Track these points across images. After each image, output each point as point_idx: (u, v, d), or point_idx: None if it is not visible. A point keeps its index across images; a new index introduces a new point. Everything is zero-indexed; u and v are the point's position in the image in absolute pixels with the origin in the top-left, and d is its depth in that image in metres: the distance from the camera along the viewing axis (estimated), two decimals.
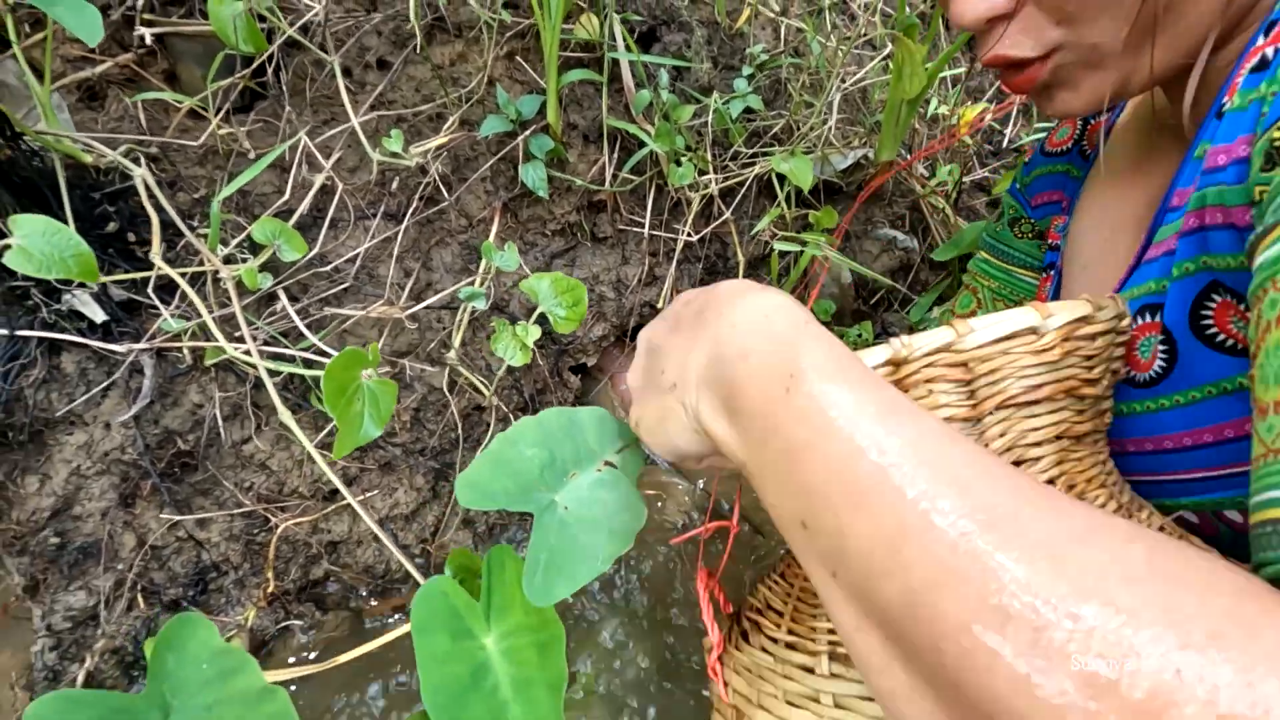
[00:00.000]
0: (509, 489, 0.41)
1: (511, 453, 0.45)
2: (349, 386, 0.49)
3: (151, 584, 0.67)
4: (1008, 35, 0.37)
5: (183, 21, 0.72)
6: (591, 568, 0.37)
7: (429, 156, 0.78)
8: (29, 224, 0.43)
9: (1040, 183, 0.61)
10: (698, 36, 0.97)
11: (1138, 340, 0.39)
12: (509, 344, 0.61)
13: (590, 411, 0.48)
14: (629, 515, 0.41)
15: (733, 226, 0.93)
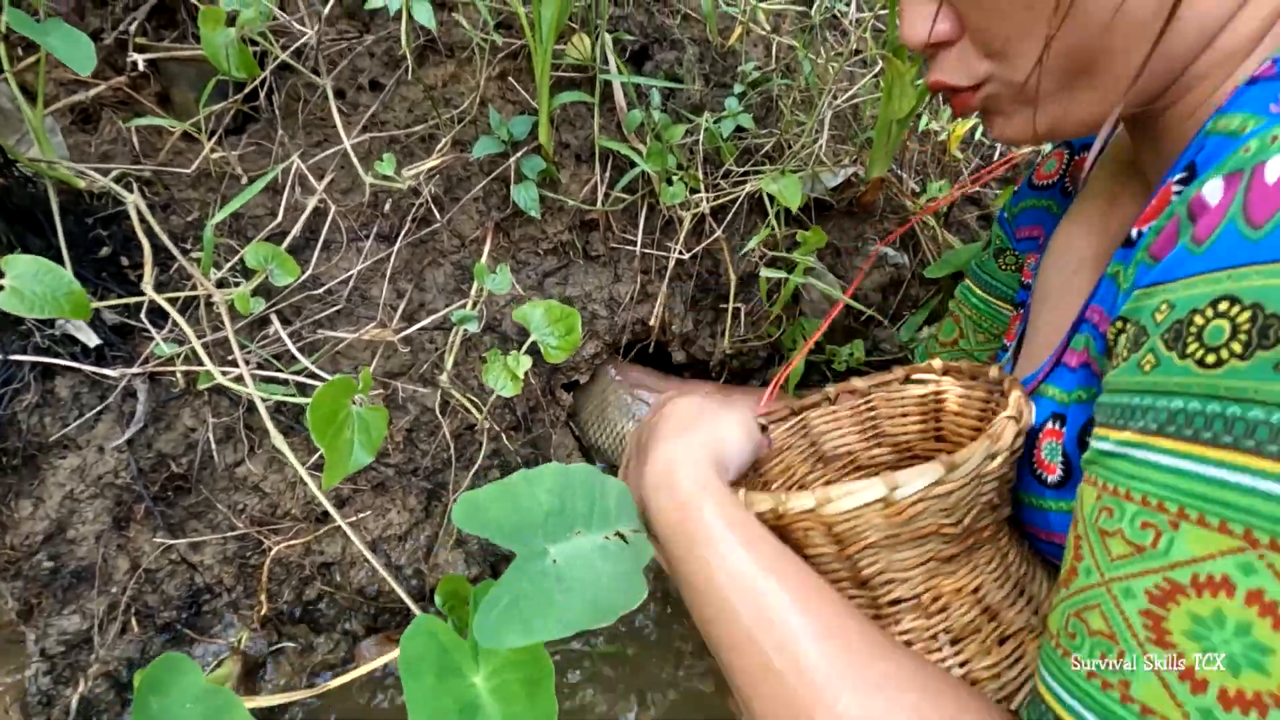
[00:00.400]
0: (504, 523, 0.41)
1: (524, 489, 0.45)
2: (338, 414, 0.49)
3: (145, 607, 0.68)
4: (945, 63, 0.39)
5: (175, 46, 0.72)
6: (551, 629, 0.37)
7: (421, 178, 0.78)
8: (20, 264, 0.43)
9: (1025, 216, 0.61)
10: (689, 54, 0.98)
11: (1044, 441, 0.40)
12: (500, 375, 0.62)
13: (618, 483, 0.47)
14: (620, 594, 0.40)
15: (724, 244, 0.93)
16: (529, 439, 0.84)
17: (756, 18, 0.99)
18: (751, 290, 0.99)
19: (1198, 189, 0.28)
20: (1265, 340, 0.24)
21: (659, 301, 0.92)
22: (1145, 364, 0.29)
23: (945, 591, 0.39)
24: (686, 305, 0.95)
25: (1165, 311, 0.28)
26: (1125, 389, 0.30)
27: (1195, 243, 0.28)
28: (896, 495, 0.35)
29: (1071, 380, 0.39)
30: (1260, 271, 0.24)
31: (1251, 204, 0.25)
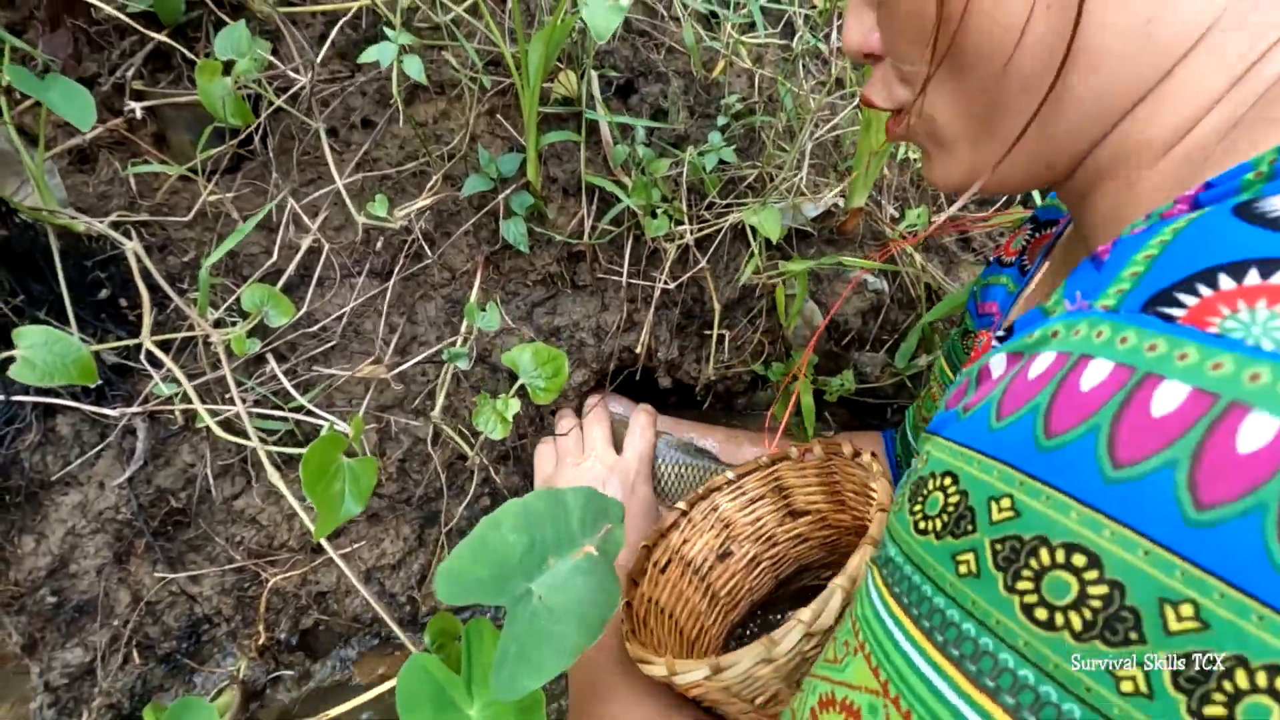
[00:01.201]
0: (485, 579, 0.44)
1: (494, 537, 0.48)
2: (329, 468, 0.51)
3: (146, 638, 0.70)
4: (873, 79, 0.38)
5: (171, 92, 0.74)
6: (559, 662, 0.40)
7: (413, 217, 0.80)
8: (31, 335, 0.45)
9: (987, 291, 0.61)
10: (674, 87, 1.00)
11: None
12: (490, 418, 0.64)
13: (577, 492, 0.50)
14: (600, 605, 0.44)
15: (708, 273, 0.96)
16: (520, 468, 0.86)
17: (738, 51, 1.02)
18: (736, 314, 1.02)
19: (989, 358, 0.28)
20: (955, 530, 0.24)
21: (645, 329, 0.95)
22: (896, 503, 0.30)
23: None
24: (672, 333, 0.98)
25: (921, 463, 0.29)
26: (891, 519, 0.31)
27: (963, 409, 0.28)
28: (723, 677, 0.41)
29: None
30: (981, 462, 0.24)
31: (1007, 394, 0.25)
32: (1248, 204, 0.22)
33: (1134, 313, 0.22)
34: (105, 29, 0.75)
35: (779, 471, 0.60)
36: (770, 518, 0.60)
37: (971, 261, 1.23)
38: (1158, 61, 0.28)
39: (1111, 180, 0.32)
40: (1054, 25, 0.28)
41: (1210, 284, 0.20)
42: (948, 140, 0.35)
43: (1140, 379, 0.20)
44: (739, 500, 0.60)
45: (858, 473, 0.53)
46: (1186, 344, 0.20)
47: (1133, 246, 0.25)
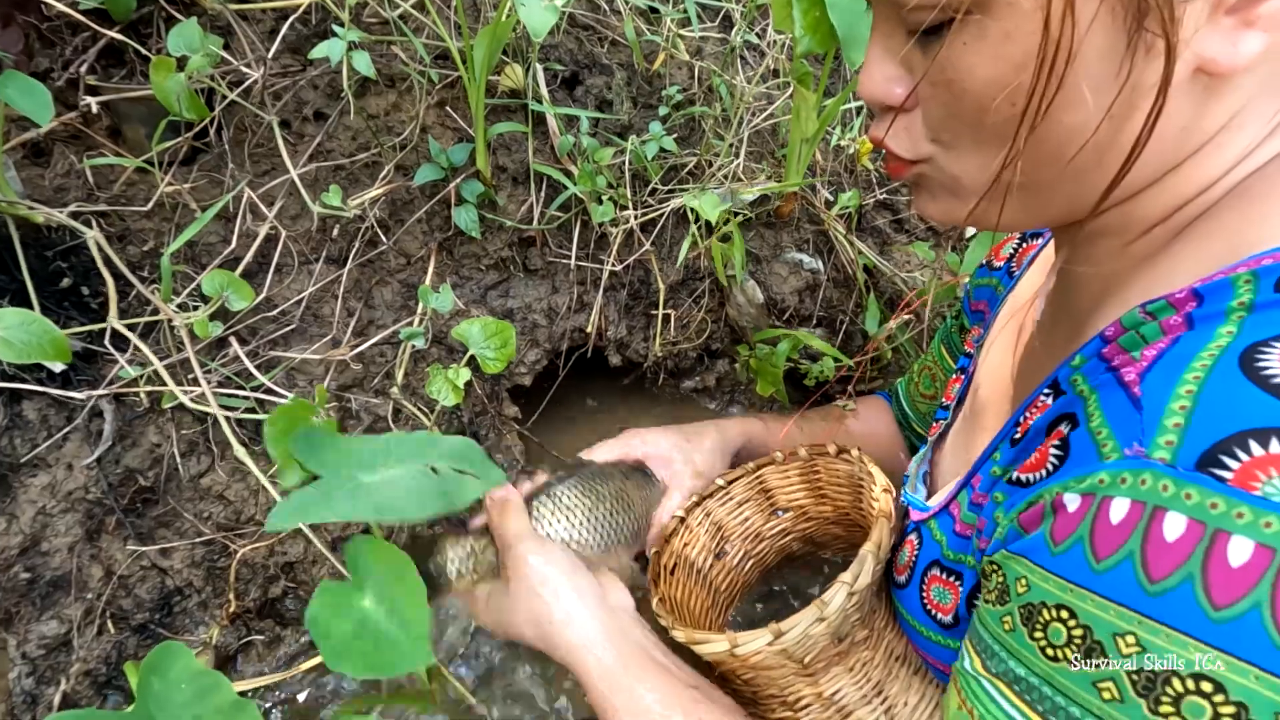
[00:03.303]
0: (327, 461, 0.48)
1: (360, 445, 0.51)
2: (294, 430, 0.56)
3: (120, 610, 0.73)
4: (893, 128, 0.39)
5: (125, 86, 0.77)
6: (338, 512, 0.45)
7: (366, 206, 0.84)
8: (8, 317, 0.49)
9: (979, 291, 0.67)
10: (618, 79, 1.06)
11: (932, 585, 0.46)
12: (442, 386, 0.69)
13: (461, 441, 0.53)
14: (411, 504, 0.47)
15: (653, 256, 1.02)
16: (474, 437, 0.91)
17: (677, 45, 1.07)
18: (681, 297, 1.08)
19: (1061, 490, 0.32)
20: (1088, 659, 0.29)
21: (595, 310, 1.00)
22: (1005, 623, 0.34)
23: (807, 694, 0.49)
24: (620, 313, 1.03)
25: (1024, 588, 0.33)
26: (990, 632, 0.35)
27: (1052, 540, 0.32)
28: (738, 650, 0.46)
29: (956, 542, 0.45)
30: (1096, 601, 0.29)
31: (1096, 535, 0.29)
32: (1251, 355, 0.27)
33: (1190, 471, 0.27)
34: (57, 25, 0.77)
35: (763, 475, 0.66)
36: (756, 517, 0.65)
37: (904, 242, 1.31)
38: (1174, 157, 0.33)
39: (1104, 240, 0.38)
40: (1108, 131, 0.31)
41: (1244, 449, 0.26)
42: (963, 190, 0.38)
43: (1212, 534, 0.26)
44: (728, 505, 0.65)
45: (843, 467, 0.59)
46: (1240, 505, 0.25)
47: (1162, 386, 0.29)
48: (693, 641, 0.46)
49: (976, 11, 0.30)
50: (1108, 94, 0.30)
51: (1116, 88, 0.30)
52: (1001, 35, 0.30)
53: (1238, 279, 0.30)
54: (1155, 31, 0.28)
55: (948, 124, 0.36)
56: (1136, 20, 0.28)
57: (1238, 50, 0.29)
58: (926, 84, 0.35)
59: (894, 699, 0.49)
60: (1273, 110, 0.32)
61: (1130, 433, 0.30)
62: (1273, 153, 0.32)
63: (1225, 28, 0.28)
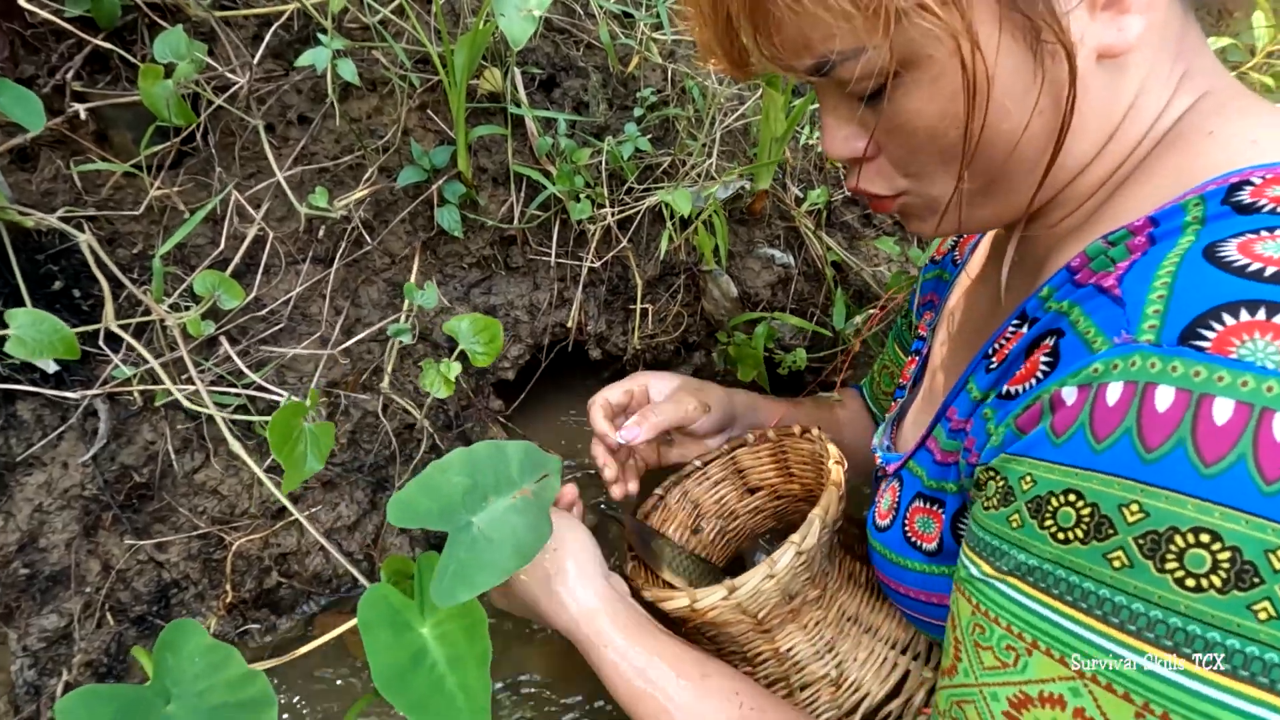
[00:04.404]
0: (432, 510, 0.52)
1: (440, 479, 0.56)
2: (293, 432, 0.59)
3: (118, 603, 0.75)
4: (865, 174, 0.43)
5: (112, 93, 0.79)
6: (491, 578, 0.49)
7: (351, 206, 0.87)
8: (21, 316, 0.51)
9: (925, 285, 0.72)
10: (594, 81, 1.09)
11: (915, 516, 0.48)
12: (434, 379, 0.72)
13: (517, 445, 0.59)
14: (534, 536, 0.53)
15: (631, 252, 1.05)
16: (460, 433, 0.94)
17: (650, 47, 1.11)
18: (658, 292, 1.11)
19: (1058, 387, 0.35)
20: (1099, 534, 0.31)
21: (575, 305, 1.04)
22: (1013, 521, 0.35)
23: (764, 650, 0.54)
24: (600, 308, 1.07)
25: (1029, 484, 0.35)
26: (995, 534, 0.37)
27: (1054, 433, 0.34)
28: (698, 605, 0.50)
29: (937, 471, 0.48)
30: (1100, 479, 0.31)
31: (1095, 419, 0.32)
32: (1212, 250, 0.31)
33: (1174, 346, 0.30)
34: (41, 32, 0.78)
35: (737, 456, 0.68)
36: (731, 495, 0.68)
37: (872, 236, 1.36)
38: (1107, 126, 0.39)
39: (1060, 206, 0.43)
40: (1046, 124, 0.37)
41: (1218, 320, 0.29)
42: (941, 207, 0.42)
43: (1198, 400, 0.28)
44: (704, 484, 0.68)
45: (806, 446, 0.63)
46: (1220, 369, 0.28)
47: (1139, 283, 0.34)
48: (658, 599, 0.49)
49: (906, 70, 0.36)
50: (1030, 98, 0.36)
51: (1036, 90, 0.36)
52: (930, 81, 0.36)
53: (1187, 203, 0.35)
54: (1051, 41, 0.34)
55: (911, 159, 0.41)
56: (1034, 36, 0.34)
57: (1124, 34, 0.35)
58: (882, 133, 0.40)
59: (844, 655, 0.52)
60: (1169, 70, 0.39)
61: (1116, 325, 0.33)
62: (1184, 106, 0.39)
63: (1106, 20, 0.35)
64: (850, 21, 0.34)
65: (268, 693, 0.50)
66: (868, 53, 0.35)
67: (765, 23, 0.36)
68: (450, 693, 0.54)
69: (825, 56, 0.36)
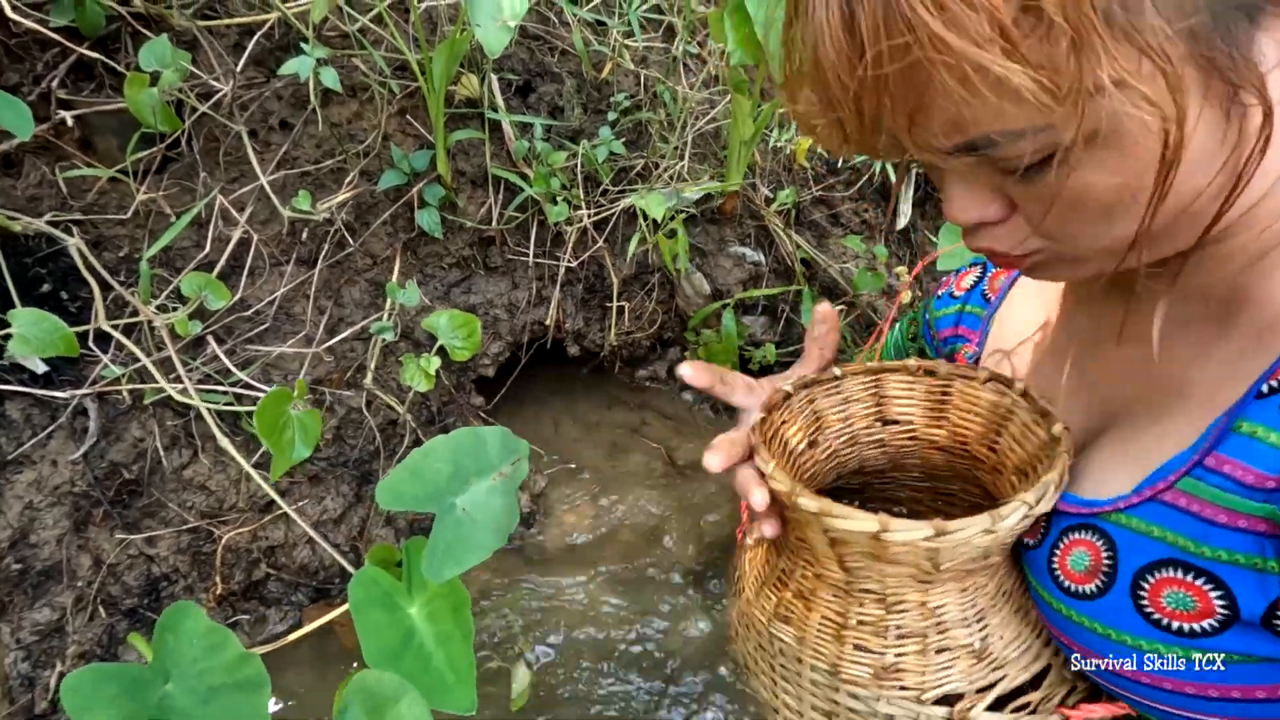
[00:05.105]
0: (419, 494, 0.55)
1: (424, 464, 0.59)
2: (280, 419, 0.62)
3: (109, 596, 0.77)
4: (995, 235, 0.39)
5: (97, 100, 0.81)
6: (476, 555, 0.52)
7: (334, 210, 0.90)
8: (23, 316, 0.53)
9: (943, 321, 0.67)
10: (569, 86, 1.13)
11: (1164, 589, 0.41)
12: (415, 373, 0.75)
13: (494, 430, 0.62)
14: (509, 516, 0.56)
15: (606, 252, 1.09)
16: (442, 427, 0.97)
17: (623, 54, 1.15)
18: (634, 290, 1.15)
19: None
20: None
21: (553, 304, 1.07)
22: None
23: (909, 600, 0.45)
24: (577, 306, 1.11)
25: None
26: None
27: None
28: (886, 537, 0.40)
29: (1197, 529, 0.41)
30: None
31: None
32: None
33: None
34: (26, 41, 0.80)
35: (884, 380, 0.58)
36: (859, 419, 0.59)
37: (839, 235, 1.41)
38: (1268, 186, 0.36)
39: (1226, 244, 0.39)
40: (1225, 178, 0.33)
41: None
42: (1083, 259, 0.38)
43: None
44: (834, 398, 0.58)
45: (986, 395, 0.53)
46: None
47: None
48: (827, 513, 0.40)
49: (1088, 146, 0.31)
50: (1219, 159, 0.33)
51: (1226, 151, 0.33)
52: (1116, 155, 0.32)
53: None
54: (1250, 102, 0.32)
55: (1063, 224, 0.36)
56: (1230, 98, 0.32)
57: None
58: (1031, 199, 0.36)
59: (992, 629, 0.46)
60: None
61: None
62: None
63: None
64: (1028, 105, 0.30)
65: (262, 674, 0.52)
66: (1045, 131, 0.31)
67: (921, 108, 0.32)
68: (438, 669, 0.57)
69: (985, 136, 0.32)
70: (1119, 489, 0.45)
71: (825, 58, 0.32)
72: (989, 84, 0.29)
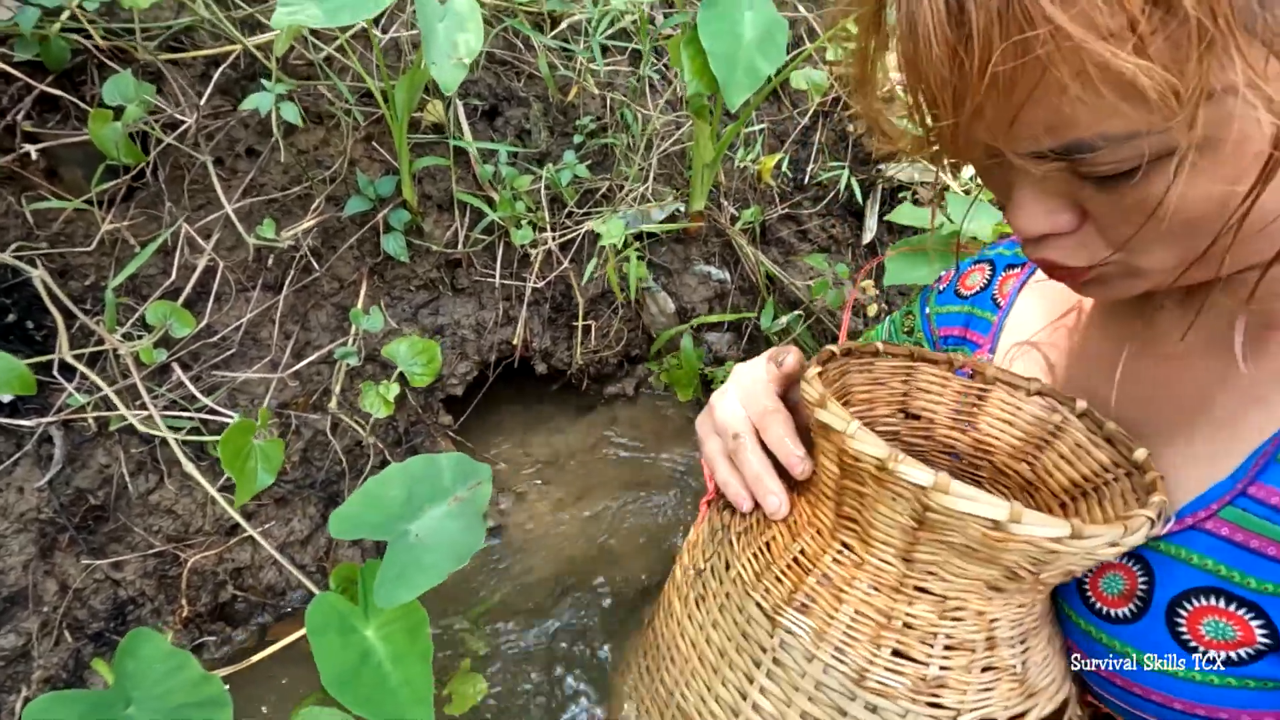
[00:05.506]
0: (372, 522, 0.58)
1: (378, 492, 0.62)
2: (243, 448, 0.63)
3: (76, 621, 0.79)
4: (1062, 247, 0.36)
5: (63, 132, 0.82)
6: (429, 579, 0.55)
7: (300, 236, 0.91)
8: None
9: (947, 318, 0.63)
10: (535, 110, 1.15)
11: (1205, 617, 0.39)
12: (375, 400, 0.77)
13: (450, 456, 0.64)
14: (469, 538, 0.59)
15: (572, 273, 1.11)
16: (410, 448, 0.99)
17: (588, 78, 1.17)
18: (600, 309, 1.18)
19: None
20: None
21: (520, 324, 1.09)
22: None
23: (969, 607, 0.40)
24: (544, 325, 1.13)
25: None
26: None
27: None
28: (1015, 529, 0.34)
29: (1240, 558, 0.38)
30: None
31: None
32: None
33: None
34: None
35: (919, 370, 0.54)
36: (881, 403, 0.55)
37: (808, 250, 1.44)
38: None
39: None
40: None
41: None
42: (1146, 275, 0.36)
43: None
44: (864, 375, 0.54)
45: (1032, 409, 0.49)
46: None
47: None
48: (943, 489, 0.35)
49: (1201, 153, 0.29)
50: None
51: None
52: (1212, 165, 0.29)
53: None
54: None
55: (1139, 238, 0.33)
56: None
57: None
58: (1107, 209, 0.33)
59: (1030, 653, 0.43)
60: None
61: None
62: None
63: None
64: (1145, 106, 0.27)
65: (223, 694, 0.54)
66: (1160, 135, 0.28)
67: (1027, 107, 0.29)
68: (394, 688, 0.59)
69: (1092, 138, 0.29)
70: None
71: (924, 51, 0.29)
72: (1110, 82, 0.27)
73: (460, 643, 0.87)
